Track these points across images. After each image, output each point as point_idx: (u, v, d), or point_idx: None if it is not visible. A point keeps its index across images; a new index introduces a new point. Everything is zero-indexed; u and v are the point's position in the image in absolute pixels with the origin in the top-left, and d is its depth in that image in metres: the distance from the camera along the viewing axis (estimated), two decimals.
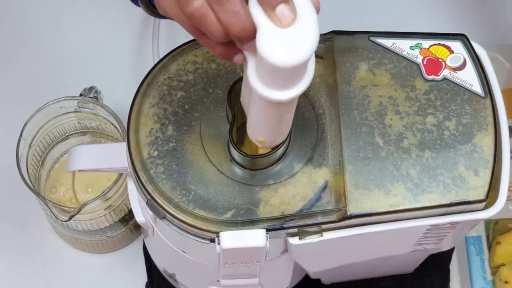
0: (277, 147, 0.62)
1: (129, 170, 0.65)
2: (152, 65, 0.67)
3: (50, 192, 0.85)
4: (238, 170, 0.63)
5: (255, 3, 0.50)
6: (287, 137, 0.62)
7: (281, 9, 0.49)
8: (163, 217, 0.63)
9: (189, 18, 0.52)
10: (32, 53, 0.96)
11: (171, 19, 0.56)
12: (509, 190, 0.65)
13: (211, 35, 0.52)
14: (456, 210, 0.63)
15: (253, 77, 0.52)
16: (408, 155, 0.63)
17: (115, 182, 0.78)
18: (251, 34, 0.51)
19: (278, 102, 0.53)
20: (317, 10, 0.51)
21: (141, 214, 0.70)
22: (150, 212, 0.64)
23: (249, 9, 0.50)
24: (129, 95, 0.66)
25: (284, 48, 0.49)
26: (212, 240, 0.62)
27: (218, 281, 0.71)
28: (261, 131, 0.59)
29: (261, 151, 0.62)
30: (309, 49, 0.50)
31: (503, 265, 0.84)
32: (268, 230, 0.61)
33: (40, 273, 0.87)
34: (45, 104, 0.81)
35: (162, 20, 0.90)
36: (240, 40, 0.52)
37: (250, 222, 0.61)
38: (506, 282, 0.83)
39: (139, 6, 0.70)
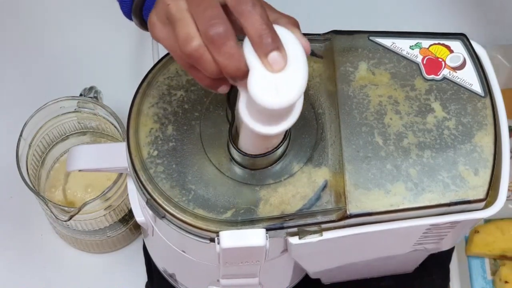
0: (276, 147, 0.62)
1: (129, 170, 0.65)
2: (152, 65, 0.67)
3: (50, 191, 0.85)
4: (238, 170, 0.63)
5: (249, 47, 0.53)
6: (287, 137, 0.62)
7: (273, 56, 0.52)
8: (163, 217, 0.63)
9: (187, 57, 0.55)
10: (32, 53, 0.96)
11: None
12: (509, 190, 0.65)
13: (205, 72, 0.55)
14: (456, 209, 0.63)
15: (243, 111, 0.55)
16: (408, 154, 0.63)
17: (115, 182, 0.78)
18: (244, 74, 0.53)
19: (264, 135, 0.56)
20: (307, 52, 0.54)
21: (141, 214, 0.70)
22: (150, 212, 0.64)
23: (243, 51, 0.53)
24: (129, 95, 0.66)
25: (273, 91, 0.52)
26: (212, 240, 0.62)
27: (218, 281, 0.71)
28: (250, 149, 0.61)
29: None
30: (296, 93, 0.53)
31: (479, 254, 0.84)
32: (268, 229, 0.61)
33: (40, 273, 0.87)
34: (45, 104, 0.81)
35: None
36: (233, 79, 0.55)
37: (250, 222, 0.61)
38: (506, 282, 0.83)
39: (131, 20, 0.72)
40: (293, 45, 0.54)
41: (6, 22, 0.98)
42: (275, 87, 0.52)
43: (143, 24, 0.75)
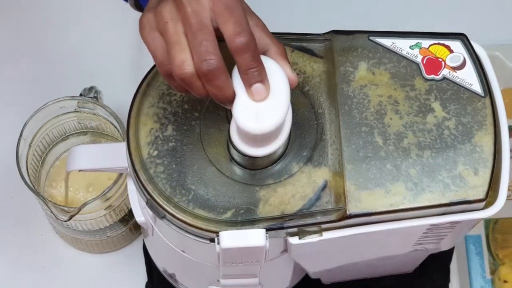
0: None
1: (129, 169, 0.65)
2: (152, 65, 0.66)
3: (51, 186, 0.85)
4: (237, 170, 0.63)
5: (238, 75, 0.57)
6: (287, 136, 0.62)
7: (257, 87, 0.57)
8: (163, 217, 0.63)
9: (178, 78, 0.57)
10: (32, 53, 0.96)
11: None
12: (508, 190, 0.65)
13: (194, 93, 0.58)
14: (455, 209, 0.63)
15: (234, 135, 0.60)
16: (408, 154, 0.63)
17: (115, 182, 0.78)
18: (232, 101, 0.58)
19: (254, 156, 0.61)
20: (293, 85, 0.59)
21: (141, 214, 0.70)
22: (150, 212, 0.64)
23: (232, 81, 0.57)
24: (129, 95, 0.66)
25: (254, 117, 0.57)
26: (212, 240, 0.62)
27: (218, 281, 0.71)
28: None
29: None
30: (275, 122, 0.57)
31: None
32: (267, 229, 0.61)
33: (40, 273, 0.87)
34: (45, 104, 0.81)
35: None
36: (221, 104, 0.59)
37: (249, 222, 0.61)
38: (505, 281, 0.83)
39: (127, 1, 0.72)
40: (278, 77, 0.58)
41: (6, 22, 0.98)
42: (256, 114, 0.57)
43: (138, 6, 0.76)
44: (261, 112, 0.57)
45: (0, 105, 0.94)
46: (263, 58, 0.58)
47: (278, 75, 0.58)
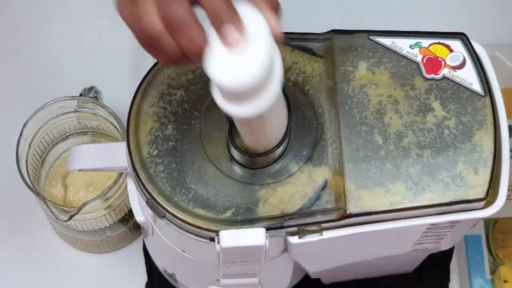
0: (276, 146, 0.62)
1: (128, 169, 0.65)
2: (152, 65, 0.67)
3: (51, 185, 0.85)
4: (237, 169, 0.63)
5: (211, 30, 0.51)
6: (287, 136, 0.62)
7: (227, 28, 0.51)
8: (163, 216, 0.63)
9: (148, 38, 0.54)
10: (32, 53, 0.96)
11: None
12: (508, 189, 0.65)
13: (167, 54, 0.54)
14: (455, 209, 0.63)
15: (215, 91, 0.54)
16: (408, 154, 0.63)
17: (115, 181, 0.78)
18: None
19: (239, 117, 0.54)
20: (277, 38, 0.52)
21: (141, 214, 0.70)
22: (150, 212, 0.64)
23: (205, 32, 0.52)
24: (129, 95, 0.66)
25: (228, 71, 0.50)
26: (212, 239, 0.62)
27: (218, 280, 0.71)
28: (243, 138, 0.61)
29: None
30: (253, 77, 0.50)
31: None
32: (267, 229, 0.61)
33: (40, 273, 0.87)
34: (45, 104, 0.81)
35: None
36: (196, 60, 0.53)
37: (249, 221, 0.61)
38: (505, 281, 0.83)
39: None
40: (258, 25, 0.51)
41: (6, 22, 0.98)
42: (231, 67, 0.51)
43: None
44: (236, 63, 0.51)
45: (0, 105, 0.94)
46: (239, 3, 0.52)
47: (257, 22, 0.51)
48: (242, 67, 0.51)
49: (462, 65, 0.66)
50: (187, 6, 0.52)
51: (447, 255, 0.85)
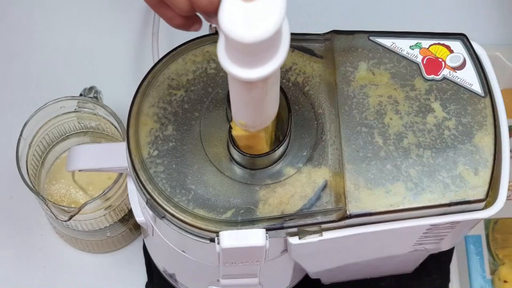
0: (276, 146, 0.62)
1: (129, 169, 0.65)
2: (152, 65, 0.67)
3: (51, 184, 0.85)
4: (237, 170, 0.63)
5: None
6: (287, 136, 0.62)
7: None
8: (163, 217, 0.63)
9: None
10: (32, 53, 0.96)
11: None
12: (508, 190, 0.65)
13: (175, 8, 0.51)
14: (455, 209, 0.63)
15: (221, 54, 0.51)
16: (408, 154, 0.63)
17: (115, 181, 0.78)
18: (218, 8, 0.49)
19: (248, 81, 0.51)
20: None
21: (141, 214, 0.70)
22: (150, 212, 0.64)
23: None
24: (129, 95, 0.66)
25: (245, 23, 0.48)
26: (212, 240, 0.62)
27: (218, 280, 0.71)
28: (241, 113, 0.58)
29: (238, 133, 0.60)
30: (273, 25, 0.48)
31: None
32: (267, 229, 0.61)
33: (40, 273, 0.87)
34: (45, 104, 0.81)
35: (162, 20, 0.90)
36: (207, 14, 0.50)
37: (249, 222, 0.61)
38: (505, 281, 0.83)
39: None
40: None
41: (6, 22, 0.98)
42: (248, 18, 0.48)
43: None
44: (253, 15, 0.48)
45: (0, 105, 0.94)
46: None
47: None
48: (261, 18, 0.48)
49: (462, 66, 0.66)
50: None
51: (447, 255, 0.85)
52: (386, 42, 0.67)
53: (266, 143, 0.62)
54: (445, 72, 0.66)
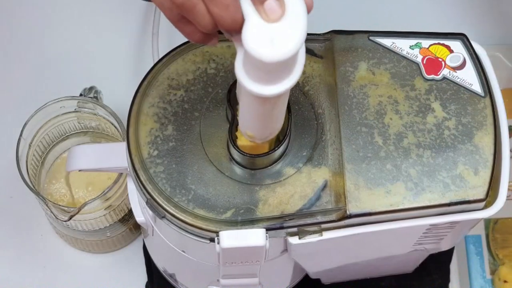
0: (276, 146, 0.62)
1: (128, 169, 0.65)
2: (152, 65, 0.67)
3: (51, 183, 0.85)
4: (237, 170, 0.63)
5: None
6: (287, 136, 0.62)
7: (270, 3, 0.49)
8: (163, 217, 0.63)
9: (178, 7, 0.52)
10: (32, 53, 0.96)
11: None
12: (508, 190, 0.65)
13: (198, 25, 0.52)
14: (455, 209, 0.63)
15: (239, 70, 0.52)
16: (408, 154, 0.63)
17: (115, 181, 0.78)
18: (240, 27, 0.50)
19: (263, 96, 0.53)
20: (309, 9, 0.51)
21: (141, 214, 0.70)
22: (150, 212, 0.64)
23: (239, 2, 0.50)
24: (129, 95, 0.66)
25: (269, 43, 0.49)
26: (212, 240, 0.62)
27: (218, 280, 0.71)
28: (250, 125, 0.59)
29: (244, 143, 0.62)
30: (294, 46, 0.49)
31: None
32: (267, 229, 0.61)
33: (40, 273, 0.87)
34: (45, 104, 0.81)
35: (162, 20, 0.90)
36: (229, 32, 0.52)
37: (249, 222, 0.61)
38: (505, 281, 0.83)
39: None
40: None
41: (6, 22, 0.98)
42: (270, 38, 0.49)
43: None
44: (276, 35, 0.49)
45: (0, 105, 0.94)
46: None
47: None
48: (284, 39, 0.49)
49: (462, 66, 0.66)
50: None
51: (447, 255, 0.85)
52: (386, 42, 0.67)
53: (266, 143, 0.62)
54: (445, 72, 0.66)
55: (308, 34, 0.66)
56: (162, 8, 0.54)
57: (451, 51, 0.66)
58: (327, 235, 0.63)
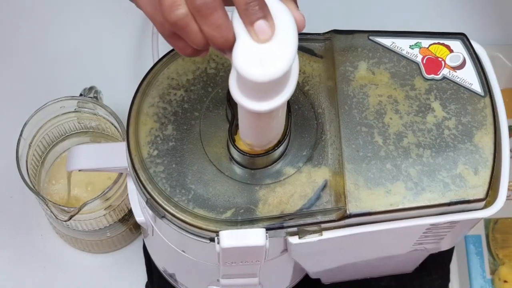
0: (276, 146, 0.62)
1: (128, 169, 0.65)
2: (152, 65, 0.67)
3: (50, 183, 0.85)
4: (237, 169, 0.63)
5: (237, 16, 0.51)
6: (287, 137, 0.62)
7: (260, 24, 0.50)
8: (163, 217, 0.63)
9: (171, 25, 0.53)
10: (32, 53, 0.96)
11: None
12: (508, 189, 0.65)
13: (190, 42, 0.53)
14: (455, 209, 0.63)
15: (233, 86, 0.53)
16: (408, 154, 0.63)
17: (115, 181, 0.78)
18: (232, 46, 0.51)
19: (257, 112, 0.54)
20: (300, 29, 0.52)
21: (141, 214, 0.70)
22: (150, 212, 0.64)
23: (231, 22, 0.51)
24: (129, 95, 0.66)
25: (258, 63, 0.50)
26: (212, 239, 0.62)
27: (218, 280, 0.71)
28: (247, 135, 0.60)
29: (243, 148, 0.62)
30: (283, 66, 0.50)
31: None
32: (267, 229, 0.61)
33: (40, 273, 0.87)
34: (45, 104, 0.81)
35: None
36: (221, 50, 0.53)
37: (249, 221, 0.61)
38: (505, 281, 0.83)
39: None
40: (284, 17, 0.52)
41: (6, 22, 0.98)
42: (260, 59, 0.50)
43: None
44: (265, 56, 0.50)
45: (0, 105, 0.94)
46: None
47: (283, 14, 0.52)
48: (272, 59, 0.50)
49: (462, 66, 0.66)
50: None
51: (447, 255, 0.85)
52: (386, 41, 0.67)
53: None
54: (445, 71, 0.66)
55: (308, 34, 0.67)
56: (154, 21, 0.55)
57: (451, 51, 0.66)
58: (327, 235, 0.63)
